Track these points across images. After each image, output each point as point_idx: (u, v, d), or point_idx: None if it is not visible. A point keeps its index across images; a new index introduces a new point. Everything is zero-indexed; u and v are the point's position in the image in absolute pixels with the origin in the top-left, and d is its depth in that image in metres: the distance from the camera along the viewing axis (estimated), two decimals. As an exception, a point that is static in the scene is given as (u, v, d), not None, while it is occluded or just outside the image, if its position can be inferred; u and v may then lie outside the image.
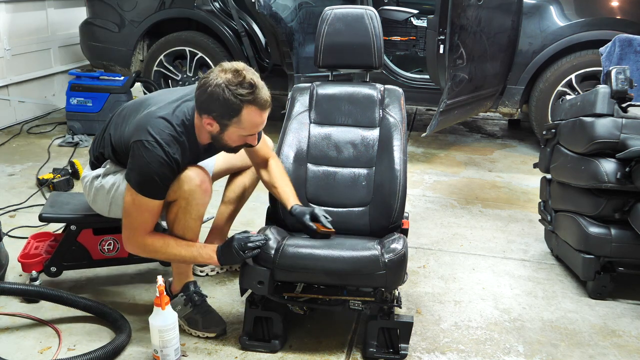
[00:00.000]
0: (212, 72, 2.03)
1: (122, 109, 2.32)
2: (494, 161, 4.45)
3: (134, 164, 2.06)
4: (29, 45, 5.29)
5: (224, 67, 2.02)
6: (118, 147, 2.21)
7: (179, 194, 2.11)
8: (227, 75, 1.99)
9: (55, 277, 2.54)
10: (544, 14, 4.30)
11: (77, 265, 2.57)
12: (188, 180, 2.10)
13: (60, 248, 2.52)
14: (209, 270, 2.72)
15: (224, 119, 2.03)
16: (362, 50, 2.55)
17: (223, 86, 1.97)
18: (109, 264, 2.63)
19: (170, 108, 2.11)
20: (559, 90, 4.30)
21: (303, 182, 2.47)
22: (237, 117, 2.02)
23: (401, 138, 2.47)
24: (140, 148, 2.03)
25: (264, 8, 4.10)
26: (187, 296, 2.31)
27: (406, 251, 2.11)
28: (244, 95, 1.98)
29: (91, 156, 2.38)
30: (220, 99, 1.98)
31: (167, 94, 2.27)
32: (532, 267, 2.90)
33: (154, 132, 2.03)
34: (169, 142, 2.03)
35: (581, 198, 2.61)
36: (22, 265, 2.53)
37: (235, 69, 2.00)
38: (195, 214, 2.16)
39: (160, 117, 2.07)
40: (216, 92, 1.98)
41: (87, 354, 2.08)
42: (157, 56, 4.92)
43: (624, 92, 2.53)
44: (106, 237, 2.55)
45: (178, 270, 2.33)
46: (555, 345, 2.31)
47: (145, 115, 2.11)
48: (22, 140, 4.77)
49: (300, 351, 2.21)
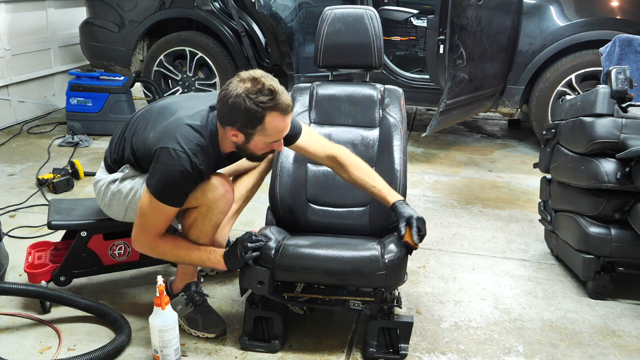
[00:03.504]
0: (231, 83, 2.01)
1: (144, 111, 2.29)
2: (494, 161, 4.45)
3: (157, 169, 2.04)
4: (29, 45, 5.29)
5: (241, 76, 2.00)
6: (140, 151, 2.18)
7: (201, 202, 2.11)
8: (245, 84, 1.97)
9: (64, 285, 2.47)
10: (544, 14, 4.30)
11: (87, 273, 2.52)
12: (213, 189, 2.10)
13: (70, 256, 2.45)
14: (209, 271, 2.72)
15: (248, 128, 2.02)
16: (362, 50, 2.55)
17: (243, 96, 1.95)
18: (120, 269, 2.59)
19: (199, 116, 2.10)
20: (559, 90, 4.31)
21: (303, 182, 2.47)
22: (261, 124, 2.00)
23: (401, 138, 2.47)
24: (167, 155, 2.01)
25: (264, 8, 4.10)
26: (188, 296, 2.31)
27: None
28: (265, 102, 1.96)
29: (109, 159, 2.34)
30: (242, 109, 1.96)
31: (193, 99, 2.26)
32: (532, 267, 2.90)
33: (183, 140, 2.01)
34: (196, 153, 2.02)
35: (581, 198, 2.61)
36: (29, 276, 2.46)
37: (252, 77, 1.98)
38: (215, 221, 2.16)
39: (189, 126, 2.05)
40: (237, 102, 1.96)
41: (87, 354, 2.08)
42: (157, 56, 4.92)
43: (624, 92, 2.53)
44: (117, 241, 2.51)
45: (184, 270, 2.33)
46: (555, 345, 2.31)
47: (173, 122, 2.09)
48: (22, 140, 4.77)
49: (300, 351, 2.21)
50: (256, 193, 2.70)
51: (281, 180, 2.45)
